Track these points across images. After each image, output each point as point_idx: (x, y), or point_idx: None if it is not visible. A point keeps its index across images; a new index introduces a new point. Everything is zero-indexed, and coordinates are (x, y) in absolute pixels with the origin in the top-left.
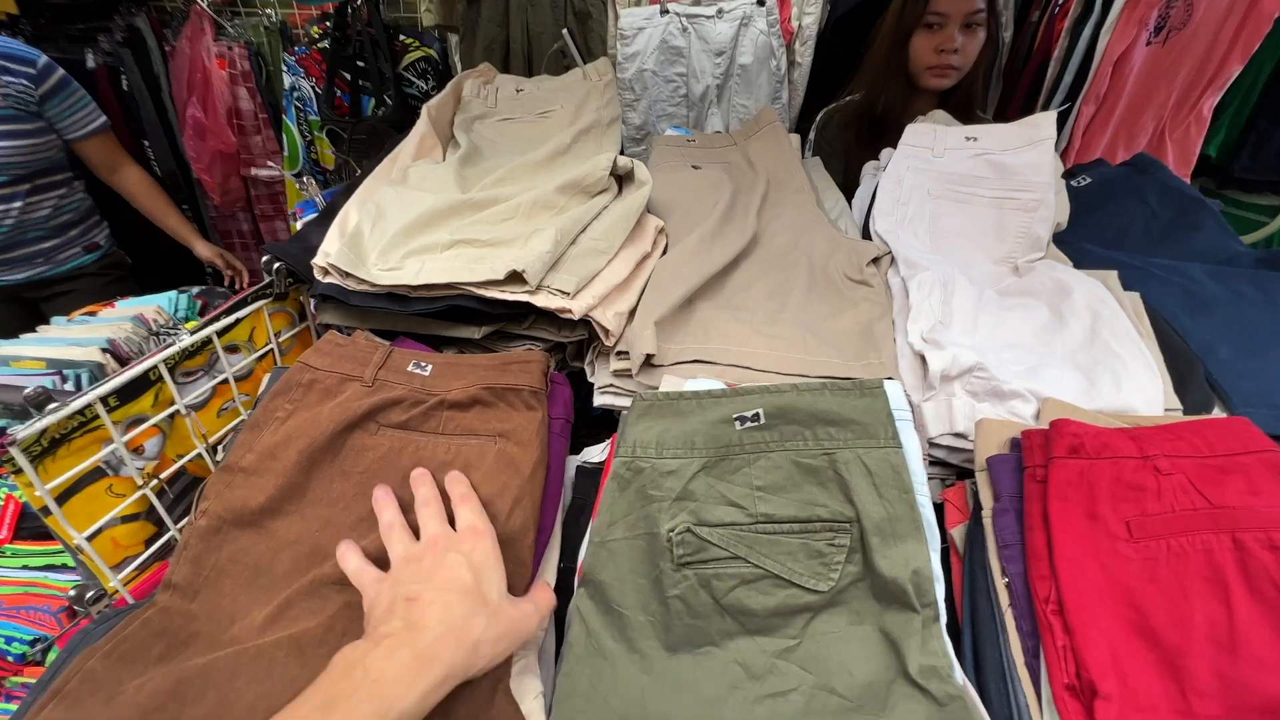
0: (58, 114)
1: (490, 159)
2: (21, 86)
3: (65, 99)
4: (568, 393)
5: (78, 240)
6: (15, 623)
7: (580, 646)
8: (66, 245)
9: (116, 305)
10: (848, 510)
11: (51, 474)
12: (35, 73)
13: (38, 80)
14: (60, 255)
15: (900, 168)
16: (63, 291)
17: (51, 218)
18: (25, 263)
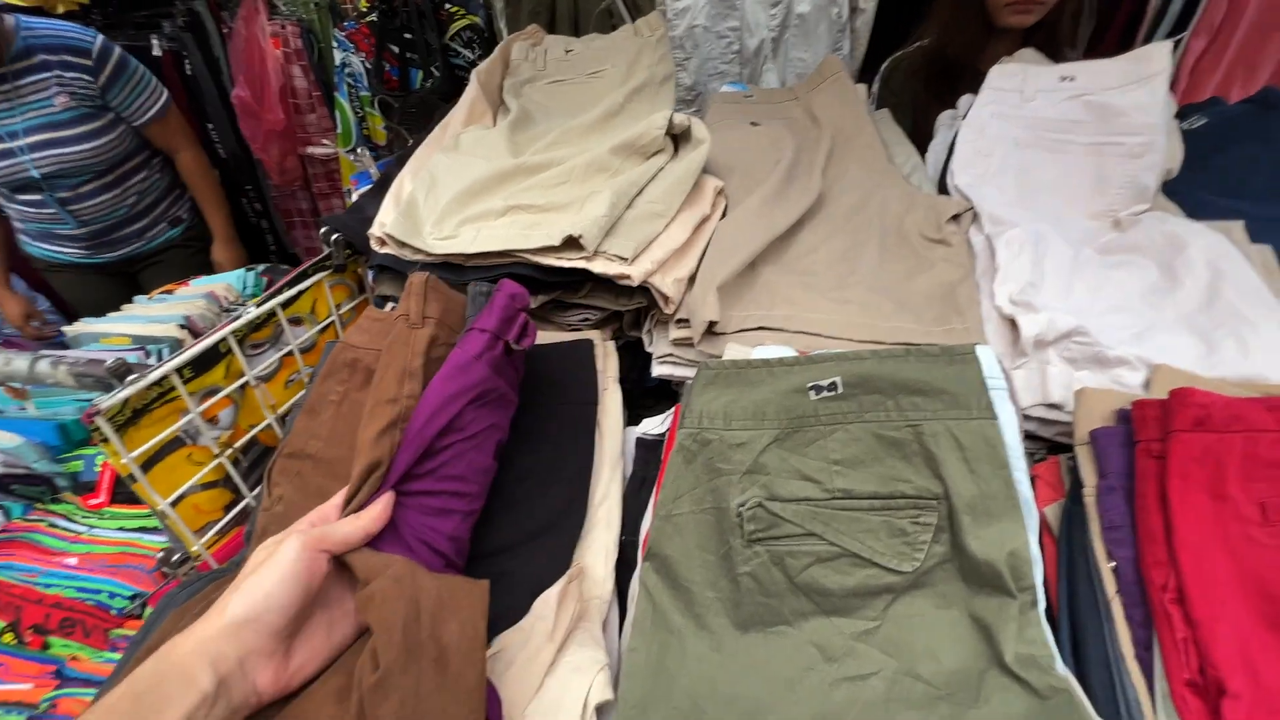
0: (120, 102)
1: (542, 123)
2: (84, 81)
3: (125, 85)
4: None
5: (163, 217)
6: (116, 579)
7: (646, 621)
8: (155, 223)
9: (190, 284)
10: (935, 486)
11: (135, 443)
12: (92, 63)
13: (95, 70)
14: (150, 232)
15: (983, 115)
16: (155, 263)
17: (139, 201)
18: (122, 243)
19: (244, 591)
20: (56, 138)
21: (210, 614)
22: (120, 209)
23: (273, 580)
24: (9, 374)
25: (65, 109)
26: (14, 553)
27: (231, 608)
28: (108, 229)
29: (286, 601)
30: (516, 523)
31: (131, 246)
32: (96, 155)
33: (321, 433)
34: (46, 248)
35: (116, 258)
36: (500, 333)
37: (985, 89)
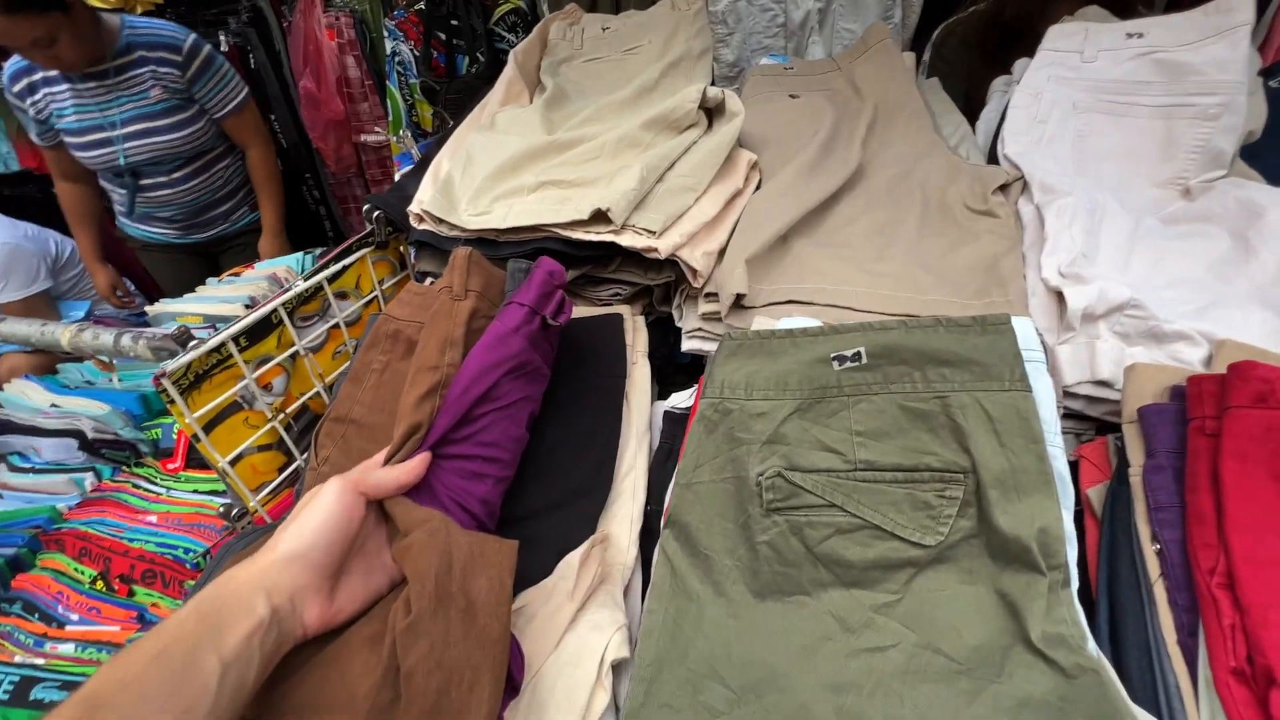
0: (204, 95)
1: (576, 100)
2: (174, 75)
3: (209, 79)
4: (535, 278)
5: (245, 201)
6: (190, 536)
7: (665, 585)
8: (238, 206)
9: (255, 267)
10: (962, 460)
11: (198, 405)
12: (181, 58)
13: (184, 66)
14: (235, 214)
15: (1039, 79)
16: (238, 245)
17: (224, 186)
18: (210, 225)
19: (293, 528)
20: (150, 127)
21: (265, 549)
22: (206, 193)
23: (318, 518)
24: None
25: (159, 101)
26: (105, 510)
27: (283, 543)
28: (198, 211)
29: (330, 538)
30: (545, 490)
31: (219, 228)
32: (184, 144)
33: (364, 399)
34: (143, 228)
35: (205, 239)
36: (538, 307)
37: (1042, 50)
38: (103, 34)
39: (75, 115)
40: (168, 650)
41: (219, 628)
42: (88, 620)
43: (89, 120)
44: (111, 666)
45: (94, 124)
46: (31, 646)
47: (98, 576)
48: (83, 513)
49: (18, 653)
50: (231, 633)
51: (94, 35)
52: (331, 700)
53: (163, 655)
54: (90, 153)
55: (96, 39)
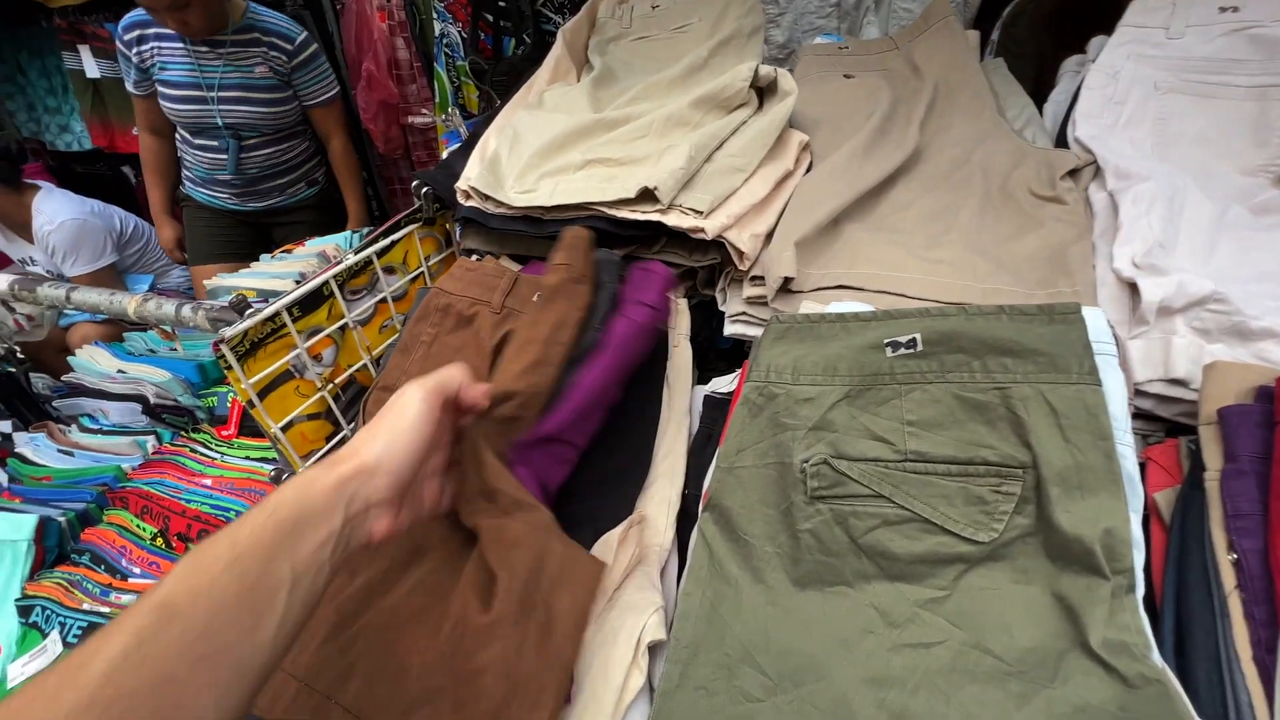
0: (301, 83)
1: (624, 79)
2: (281, 61)
3: (309, 71)
4: (658, 279)
5: (303, 178)
6: (242, 500)
7: (703, 569)
8: (296, 181)
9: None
10: (1021, 454)
11: (253, 372)
12: (292, 49)
13: (292, 55)
14: (291, 189)
15: (1117, 58)
16: (290, 222)
17: (289, 161)
18: (267, 195)
19: (382, 438)
20: (248, 97)
21: (344, 455)
22: (270, 166)
23: (405, 428)
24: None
25: (262, 77)
26: (165, 471)
27: (367, 451)
28: (259, 179)
29: (415, 451)
30: (585, 472)
31: (274, 200)
32: (273, 119)
33: (412, 370)
34: (205, 191)
35: (260, 208)
36: (662, 309)
37: (1122, 26)
38: (229, 10)
39: (179, 70)
40: (242, 559)
41: (296, 537)
42: (148, 574)
43: (189, 77)
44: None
45: (193, 81)
46: (98, 595)
47: (157, 534)
48: (145, 473)
49: (86, 600)
50: (306, 543)
51: (220, 10)
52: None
53: (237, 563)
54: (183, 106)
55: (221, 14)
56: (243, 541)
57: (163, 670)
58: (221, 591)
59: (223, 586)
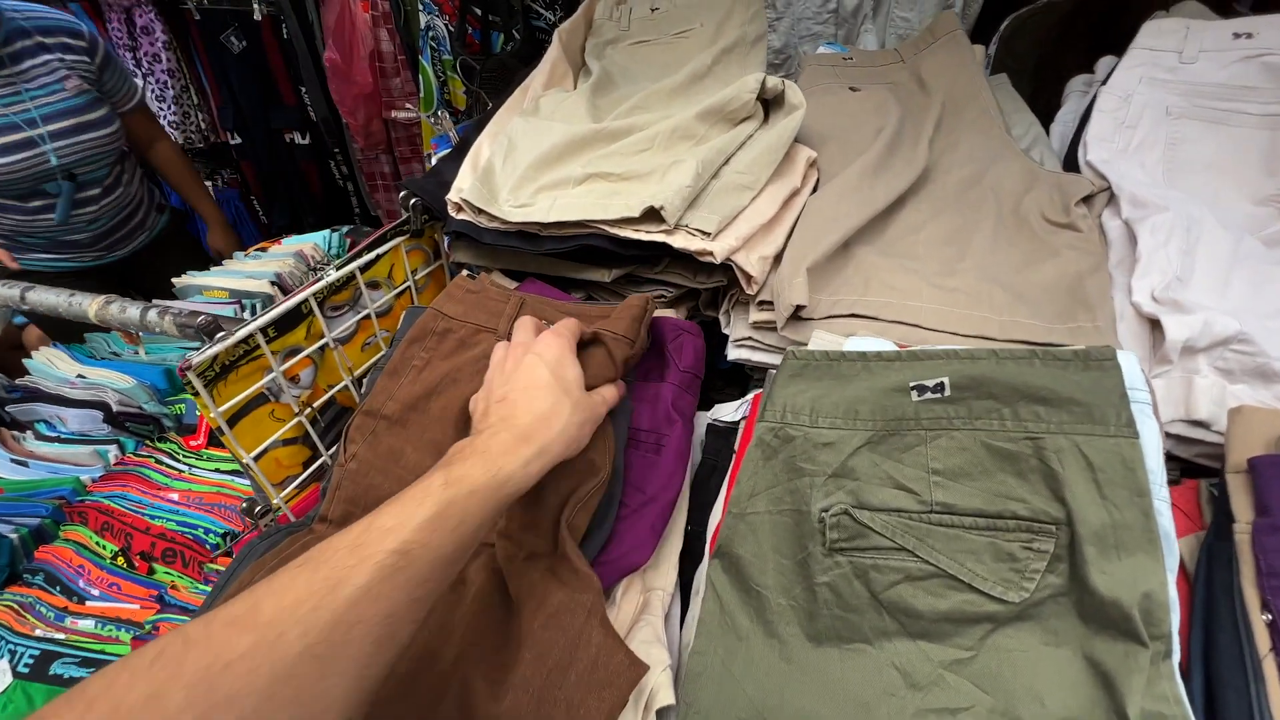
0: (113, 87)
1: (624, 86)
2: (85, 64)
3: (115, 69)
4: (698, 343)
5: (152, 204)
6: (212, 516)
7: (713, 622)
8: (149, 211)
9: (283, 243)
10: (1054, 510)
11: (224, 397)
12: (87, 44)
13: (91, 52)
14: (149, 221)
15: (1129, 80)
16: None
17: (138, 188)
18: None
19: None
20: (78, 123)
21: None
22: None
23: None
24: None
25: (79, 93)
26: (128, 484)
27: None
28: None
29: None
30: None
31: (138, 240)
32: (113, 141)
33: (400, 395)
34: (50, 257)
35: (125, 254)
36: (700, 372)
37: (1134, 48)
38: None
39: None
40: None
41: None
42: (108, 596)
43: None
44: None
45: (7, 123)
46: (52, 620)
47: (119, 553)
48: (106, 485)
49: (39, 626)
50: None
51: None
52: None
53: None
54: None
55: None
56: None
57: (391, 606)
58: (448, 548)
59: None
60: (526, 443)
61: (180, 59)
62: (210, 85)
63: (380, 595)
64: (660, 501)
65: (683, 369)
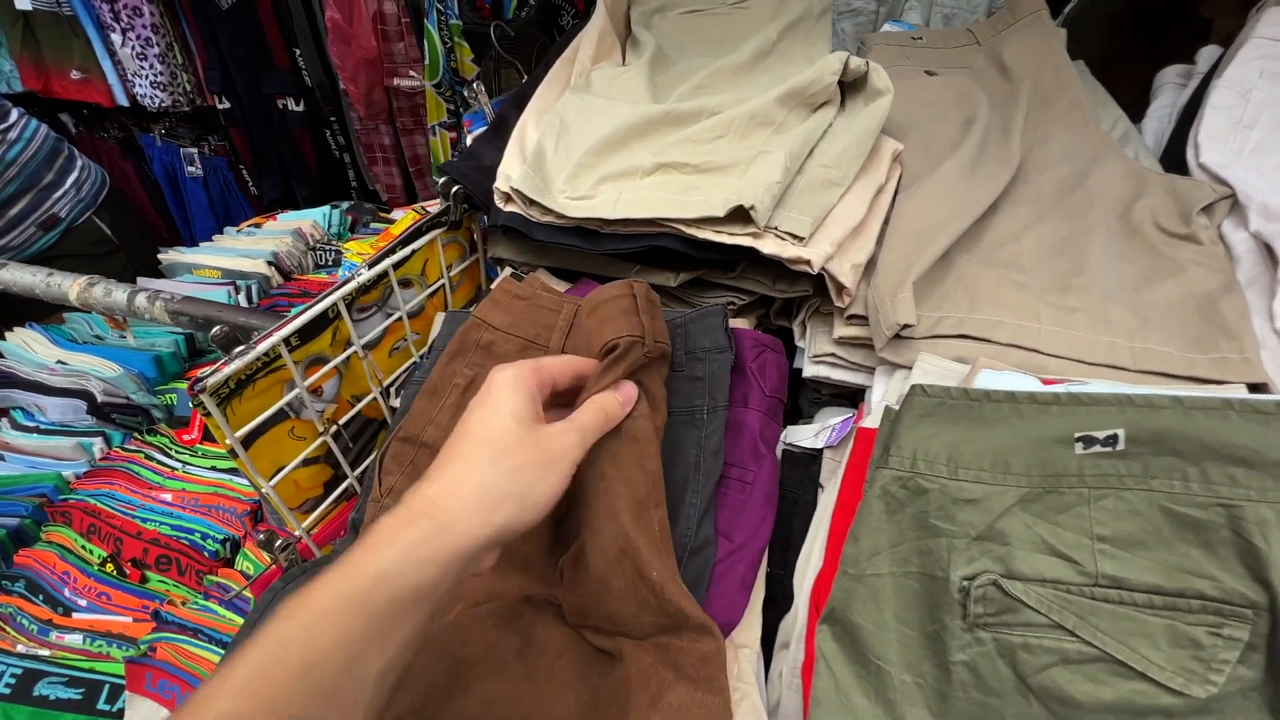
0: None
1: (680, 62)
2: None
3: None
4: (782, 362)
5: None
6: (209, 520)
7: (829, 700)
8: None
9: (278, 219)
10: (1252, 592)
11: (239, 415)
12: None
13: None
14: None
15: (1248, 73)
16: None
17: None
18: None
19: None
20: None
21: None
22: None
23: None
24: (109, 305)
25: None
26: (115, 482)
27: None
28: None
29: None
30: None
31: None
32: None
33: (442, 419)
34: None
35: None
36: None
37: (1254, 38)
38: None
39: None
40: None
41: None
42: (96, 607)
43: None
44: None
45: None
46: (36, 634)
47: (108, 559)
48: (91, 483)
49: (20, 640)
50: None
51: None
52: None
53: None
54: None
55: None
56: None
57: None
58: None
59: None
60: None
61: (164, 13)
62: (196, 44)
63: None
64: (750, 550)
65: (768, 393)
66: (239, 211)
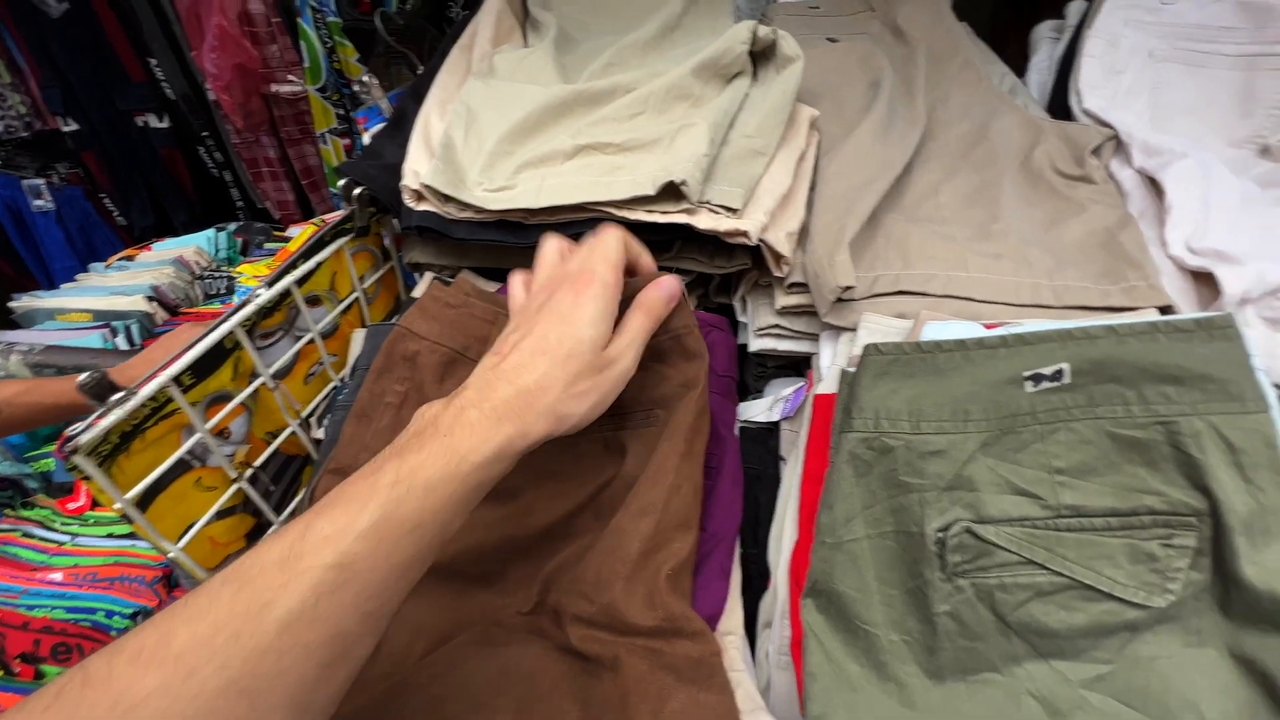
0: None
1: (585, 41)
2: None
3: None
4: (731, 341)
5: None
6: (113, 594)
7: (824, 677)
8: None
9: (154, 248)
10: (1195, 500)
11: (128, 473)
12: None
13: None
14: None
15: (1114, 23)
16: None
17: None
18: None
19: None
20: None
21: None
22: None
23: None
24: None
25: None
26: None
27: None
28: None
29: None
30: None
31: None
32: None
33: (375, 444)
34: None
35: None
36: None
37: None
38: None
39: None
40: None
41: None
42: None
43: None
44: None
45: None
46: None
47: None
48: None
49: None
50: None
51: None
52: None
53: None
54: None
55: None
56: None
57: (337, 626)
58: (400, 556)
59: (403, 551)
60: (498, 424)
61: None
62: (26, 59)
63: (318, 617)
64: (725, 536)
65: (721, 373)
66: (106, 245)
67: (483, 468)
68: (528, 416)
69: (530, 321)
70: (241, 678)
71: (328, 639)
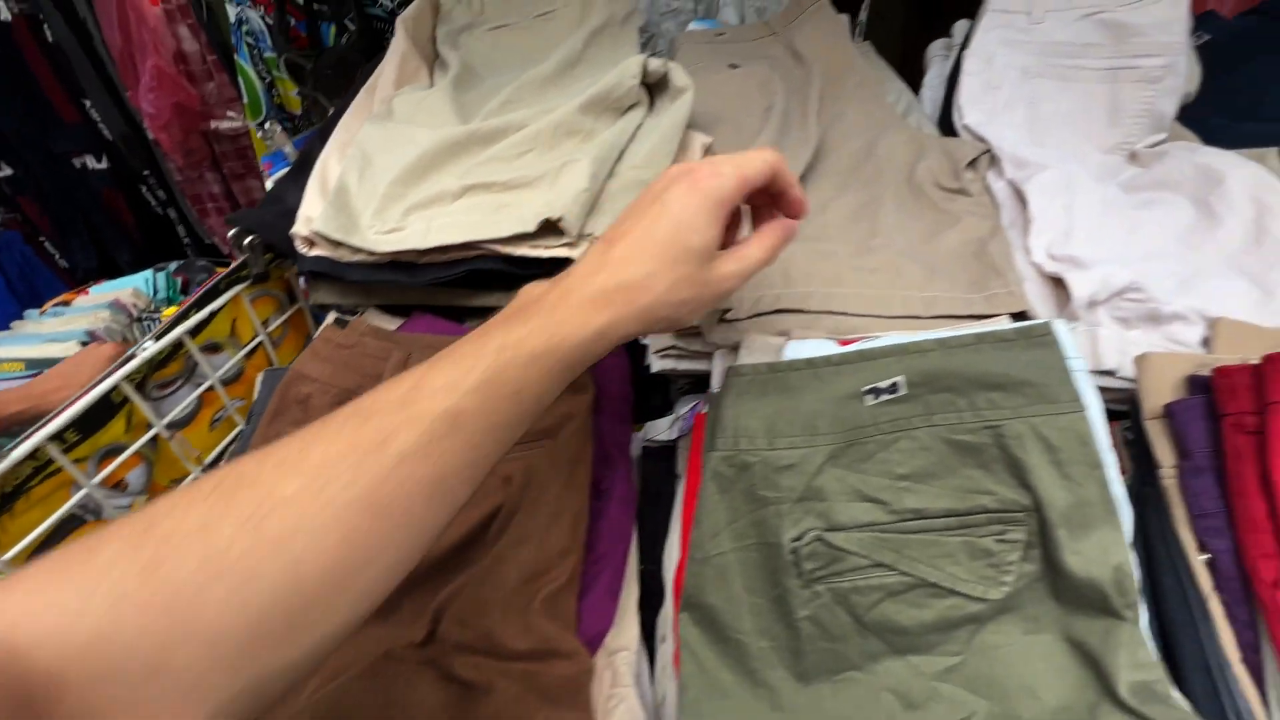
0: None
1: (489, 79)
2: None
3: None
4: (623, 364)
5: None
6: None
7: (696, 687)
8: None
9: (90, 291)
10: (1021, 497)
11: (12, 533)
12: None
13: None
14: None
15: (989, 43)
16: None
17: None
18: None
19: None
20: None
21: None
22: None
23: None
24: None
25: None
26: None
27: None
28: None
29: None
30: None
31: None
32: None
33: None
34: None
35: None
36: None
37: (988, 11)
38: None
39: None
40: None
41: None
42: None
43: None
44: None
45: None
46: None
47: None
48: None
49: None
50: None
51: None
52: None
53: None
54: None
55: None
56: (532, 378)
57: (444, 468)
58: (500, 416)
59: (502, 412)
60: (598, 311)
61: None
62: None
63: (430, 456)
64: (614, 558)
65: (613, 397)
66: (48, 289)
67: (581, 346)
68: (626, 311)
69: (645, 207)
70: (366, 494)
71: (436, 478)
